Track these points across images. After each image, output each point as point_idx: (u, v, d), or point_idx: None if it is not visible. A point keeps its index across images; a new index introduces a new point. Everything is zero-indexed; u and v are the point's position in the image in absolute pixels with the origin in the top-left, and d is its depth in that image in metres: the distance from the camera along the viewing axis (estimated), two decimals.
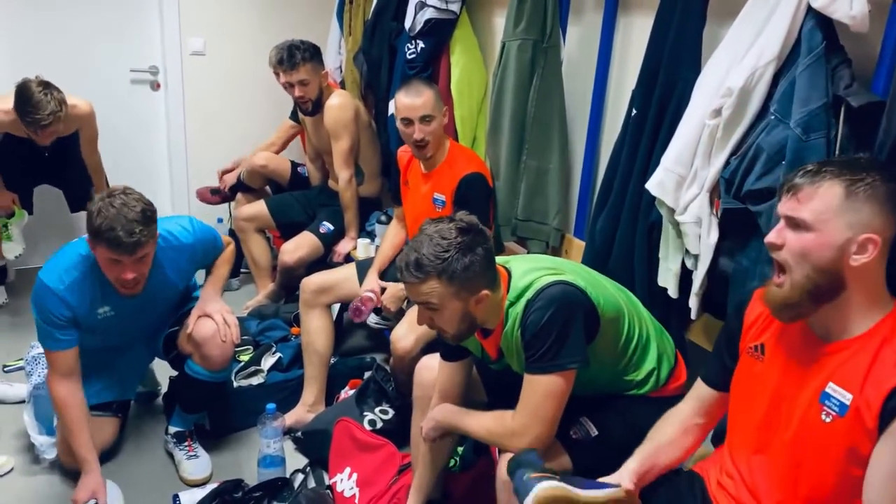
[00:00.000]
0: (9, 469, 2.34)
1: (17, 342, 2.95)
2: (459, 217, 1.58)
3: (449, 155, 2.51)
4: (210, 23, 3.94)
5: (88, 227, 1.96)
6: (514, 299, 1.60)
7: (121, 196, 1.95)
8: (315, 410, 2.61)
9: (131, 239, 1.91)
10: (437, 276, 1.53)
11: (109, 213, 1.90)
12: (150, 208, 1.99)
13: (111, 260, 1.97)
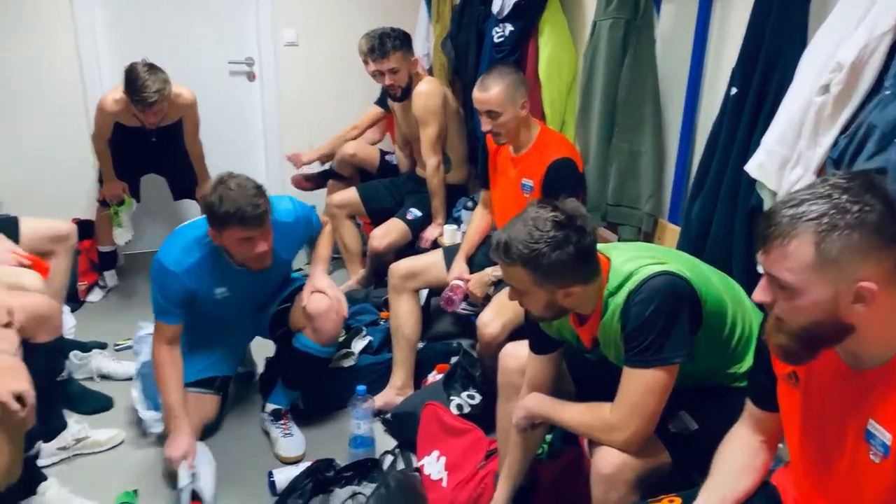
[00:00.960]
0: (119, 442, 2.49)
1: (126, 323, 3.13)
2: (562, 208, 1.52)
3: (538, 139, 2.48)
4: (303, 13, 4.03)
5: (213, 217, 2.08)
6: (615, 289, 1.55)
7: (232, 180, 2.09)
8: (403, 393, 2.65)
9: (257, 211, 2.04)
10: (522, 265, 1.50)
11: (230, 195, 2.04)
12: (259, 184, 2.13)
13: (243, 239, 2.10)
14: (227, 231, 2.10)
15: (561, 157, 2.41)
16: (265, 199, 2.10)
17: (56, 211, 3.18)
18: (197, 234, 2.22)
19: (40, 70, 3.66)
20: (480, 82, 2.40)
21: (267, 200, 2.12)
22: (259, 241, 2.13)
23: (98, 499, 2.16)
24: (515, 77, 2.41)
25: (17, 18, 3.60)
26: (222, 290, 2.32)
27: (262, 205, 2.08)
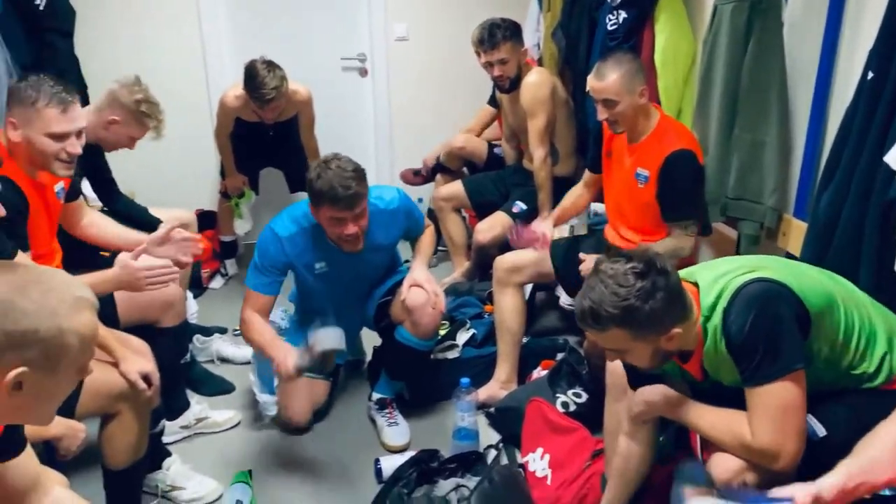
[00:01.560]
0: (236, 423, 2.61)
1: None
2: (637, 258, 1.45)
3: (657, 128, 2.38)
4: (414, 7, 4.07)
5: (310, 193, 2.16)
6: (709, 312, 1.48)
7: (334, 161, 2.14)
8: (507, 387, 2.63)
9: (349, 192, 2.09)
10: (617, 326, 1.44)
11: (327, 175, 2.10)
12: (360, 168, 2.17)
13: (333, 219, 2.16)
14: (320, 208, 2.16)
15: (680, 149, 2.30)
16: (361, 184, 2.13)
17: (181, 202, 3.37)
18: (306, 208, 2.29)
19: (169, 71, 3.88)
20: (596, 70, 2.33)
21: (363, 185, 2.15)
22: (349, 224, 2.17)
23: (215, 477, 2.27)
24: (633, 64, 2.33)
25: (148, 24, 3.85)
26: (321, 264, 2.37)
27: (355, 188, 2.11)
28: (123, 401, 1.89)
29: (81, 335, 1.05)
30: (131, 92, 2.60)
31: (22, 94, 1.93)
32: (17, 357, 1.00)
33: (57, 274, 1.13)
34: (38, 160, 1.98)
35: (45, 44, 2.93)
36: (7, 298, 1.00)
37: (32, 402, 1.06)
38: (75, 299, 1.06)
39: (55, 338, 1.02)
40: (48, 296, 1.03)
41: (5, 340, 0.99)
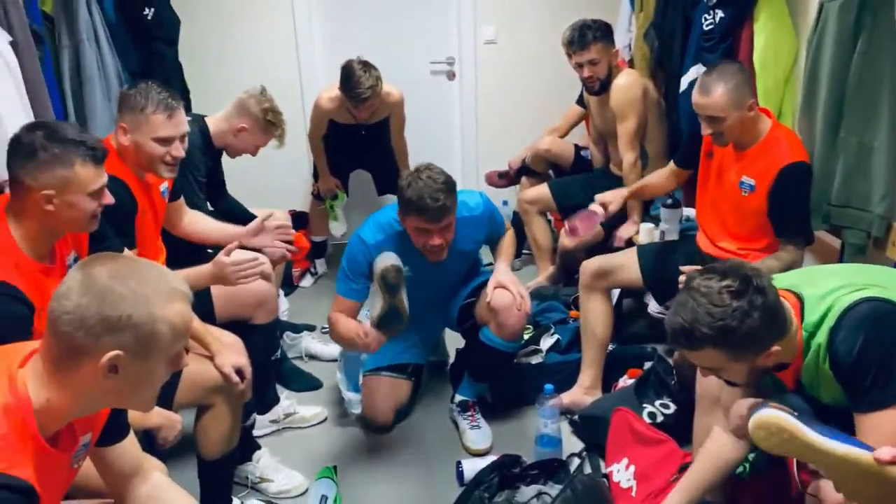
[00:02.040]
0: (322, 419, 2.67)
1: None
2: (732, 274, 1.39)
3: (768, 137, 2.25)
4: (502, 10, 4.06)
5: (399, 201, 2.19)
6: (813, 329, 1.41)
7: (426, 171, 2.17)
8: (591, 394, 2.58)
9: (437, 204, 2.11)
10: (712, 346, 1.39)
11: (417, 185, 2.12)
12: (450, 180, 2.19)
13: (419, 229, 2.19)
14: (408, 217, 2.19)
15: (796, 162, 2.19)
16: (450, 196, 2.15)
17: (275, 203, 3.48)
18: (393, 213, 2.33)
19: (264, 74, 4.00)
20: (700, 85, 2.22)
21: (452, 198, 2.16)
22: (434, 236, 2.19)
23: (301, 471, 2.33)
24: (740, 76, 2.20)
25: (243, 29, 3.98)
26: (406, 269, 2.37)
27: (444, 200, 2.12)
28: (218, 393, 1.97)
29: (173, 324, 1.11)
30: (259, 102, 2.78)
31: (132, 101, 2.05)
32: (112, 341, 1.06)
33: (155, 266, 1.19)
34: (145, 163, 2.10)
35: (152, 52, 3.10)
36: (107, 284, 1.07)
37: (127, 388, 1.12)
38: (169, 290, 1.12)
39: (147, 324, 1.08)
40: (144, 285, 1.09)
41: (102, 324, 1.05)
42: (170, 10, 3.25)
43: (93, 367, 1.07)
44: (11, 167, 1.61)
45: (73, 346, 1.06)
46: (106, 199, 1.70)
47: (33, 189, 1.58)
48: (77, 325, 1.05)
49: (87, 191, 1.63)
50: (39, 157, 1.58)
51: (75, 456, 1.21)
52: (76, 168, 1.60)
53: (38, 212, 1.60)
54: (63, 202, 1.61)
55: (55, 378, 1.09)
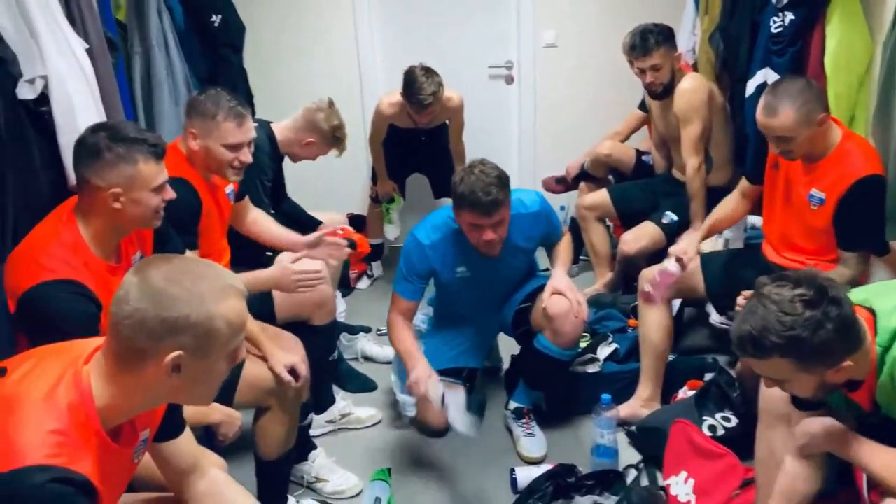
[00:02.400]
0: (377, 421, 2.69)
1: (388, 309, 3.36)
2: (806, 283, 1.34)
3: (839, 148, 2.16)
4: (562, 14, 4.03)
5: (453, 196, 2.19)
6: (887, 343, 1.35)
7: (479, 166, 2.16)
8: (650, 406, 2.53)
9: (489, 198, 2.10)
10: (780, 356, 1.34)
11: (470, 179, 2.12)
12: (504, 175, 2.18)
13: (473, 225, 2.18)
14: (461, 212, 2.19)
15: (870, 175, 2.10)
16: (503, 191, 2.13)
17: (333, 205, 3.54)
18: (448, 213, 2.33)
19: (325, 78, 4.08)
20: (766, 105, 2.13)
21: (505, 192, 2.15)
22: (487, 230, 2.17)
23: (356, 472, 2.36)
24: (809, 93, 2.10)
25: (306, 35, 4.04)
26: (462, 269, 2.40)
27: (496, 194, 2.11)
28: (274, 396, 2.01)
29: (229, 320, 1.13)
30: (328, 119, 2.89)
31: (202, 108, 2.11)
32: (173, 342, 1.09)
33: (207, 264, 1.23)
34: (214, 166, 2.16)
35: (219, 58, 3.18)
36: (162, 287, 1.09)
37: (190, 385, 1.15)
38: (223, 287, 1.15)
39: (204, 323, 1.10)
40: (198, 284, 1.12)
41: (162, 326, 1.08)
42: (236, 16, 3.34)
43: (156, 368, 1.10)
44: (78, 168, 1.67)
45: (136, 349, 1.10)
46: (167, 195, 1.75)
47: (101, 188, 1.64)
48: (137, 329, 1.09)
49: (150, 186, 1.68)
50: (105, 157, 1.64)
51: (136, 451, 1.25)
52: (139, 165, 1.66)
53: (105, 210, 1.66)
54: (129, 199, 1.66)
55: (119, 377, 1.13)
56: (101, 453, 1.11)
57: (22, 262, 1.65)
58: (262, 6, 3.87)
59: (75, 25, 2.20)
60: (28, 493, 0.99)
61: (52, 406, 1.08)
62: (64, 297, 1.57)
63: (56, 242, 1.64)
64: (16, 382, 1.12)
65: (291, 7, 3.98)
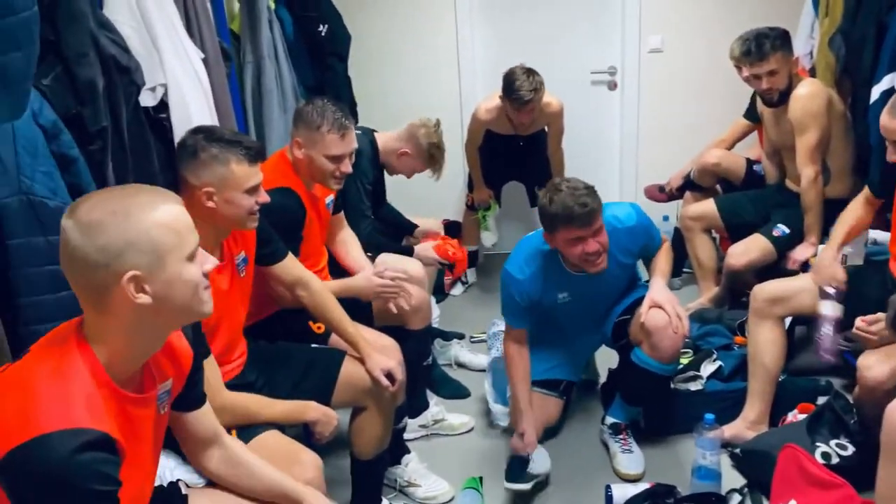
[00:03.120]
0: (469, 428, 2.68)
1: (481, 317, 3.36)
2: None
3: None
4: (670, 18, 3.93)
5: (545, 220, 2.16)
6: None
7: (563, 183, 2.14)
8: (756, 429, 2.40)
9: (585, 209, 2.07)
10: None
11: (559, 196, 2.09)
12: (590, 185, 2.15)
13: (572, 239, 2.14)
14: (558, 233, 2.14)
15: None
16: (595, 199, 2.10)
17: (429, 212, 3.56)
18: (536, 243, 2.31)
19: (425, 84, 4.13)
20: (891, 107, 2.01)
21: (597, 200, 2.12)
22: (589, 241, 2.13)
23: (447, 479, 2.35)
24: None
25: (406, 42, 4.10)
26: (564, 295, 2.36)
27: (591, 204, 2.08)
28: (371, 396, 2.03)
29: (166, 223, 1.13)
30: (428, 135, 2.95)
31: (308, 118, 2.18)
32: (122, 264, 1.09)
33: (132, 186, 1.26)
34: (317, 176, 2.24)
35: (325, 67, 3.28)
36: (89, 219, 1.10)
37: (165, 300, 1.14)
38: (148, 199, 1.15)
39: (141, 235, 1.10)
40: (122, 202, 1.12)
41: (103, 254, 1.09)
42: (342, 26, 3.43)
43: (122, 296, 1.11)
44: (179, 168, 1.77)
45: (96, 287, 1.11)
46: (262, 198, 1.80)
47: (196, 187, 1.72)
48: (85, 266, 1.10)
49: (243, 188, 1.74)
50: (200, 157, 1.72)
51: (159, 401, 1.27)
52: (232, 166, 1.72)
53: (202, 210, 1.73)
54: (222, 199, 1.73)
55: (102, 323, 1.14)
56: (118, 406, 1.13)
57: None
58: (367, 15, 3.95)
59: (193, 36, 2.31)
60: (49, 459, 1.00)
61: (61, 372, 1.10)
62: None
63: None
64: (24, 360, 1.15)
65: (394, 15, 4.06)
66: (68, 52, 1.64)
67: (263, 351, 2.05)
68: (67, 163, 1.59)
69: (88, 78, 1.67)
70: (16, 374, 1.14)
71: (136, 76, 1.91)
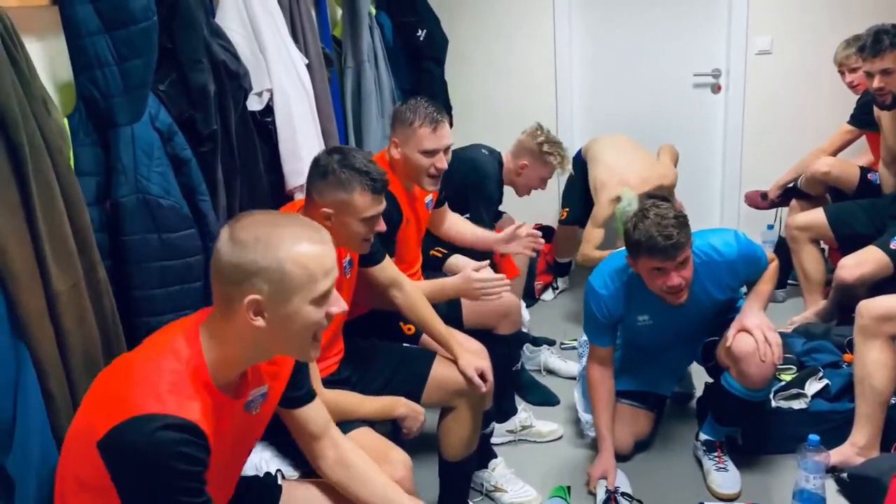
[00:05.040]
0: (558, 437, 2.64)
1: (572, 324, 3.32)
2: None
3: None
4: (780, 19, 3.76)
5: (628, 244, 2.11)
6: None
7: (653, 209, 2.06)
8: (865, 454, 2.25)
9: (669, 242, 1.99)
10: None
11: (645, 224, 2.02)
12: (681, 214, 2.06)
13: (654, 269, 2.07)
14: (639, 259, 2.09)
15: None
16: (682, 232, 2.01)
17: (524, 216, 3.53)
18: (623, 261, 2.23)
19: (520, 89, 4.11)
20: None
21: (685, 233, 2.03)
22: (672, 275, 2.05)
23: (534, 486, 2.33)
24: None
25: (503, 46, 4.08)
26: (644, 317, 2.30)
27: (676, 237, 1.99)
28: (460, 397, 2.04)
29: (302, 264, 1.16)
30: (534, 137, 2.99)
31: (402, 116, 2.21)
32: (250, 286, 1.14)
33: (291, 216, 1.28)
34: (413, 175, 2.26)
35: (423, 71, 3.33)
36: (238, 236, 1.15)
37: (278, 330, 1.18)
38: (295, 233, 1.18)
39: (274, 266, 1.14)
40: (272, 231, 1.17)
41: (236, 271, 1.14)
42: (440, 30, 3.47)
43: (243, 314, 1.16)
44: (309, 182, 1.82)
45: (224, 297, 1.18)
46: (378, 227, 1.84)
47: (318, 204, 1.77)
48: (220, 275, 1.17)
49: (360, 216, 1.77)
50: (329, 179, 1.76)
51: (248, 403, 1.31)
52: (355, 195, 1.75)
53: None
54: (339, 222, 1.77)
55: (220, 328, 1.20)
56: (212, 405, 1.18)
57: None
58: (465, 19, 3.98)
59: (297, 42, 2.40)
60: (140, 440, 1.07)
61: (165, 362, 1.16)
62: None
63: None
64: (138, 349, 1.23)
65: (491, 19, 4.06)
66: (183, 58, 1.74)
67: (358, 348, 2.09)
68: (180, 164, 1.68)
69: (201, 83, 1.76)
70: (125, 362, 1.23)
71: (244, 81, 2.00)
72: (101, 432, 1.09)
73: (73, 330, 1.37)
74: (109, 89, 1.52)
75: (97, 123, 1.54)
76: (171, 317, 1.62)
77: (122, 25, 1.50)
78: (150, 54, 1.57)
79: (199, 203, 1.72)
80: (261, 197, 2.13)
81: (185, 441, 1.09)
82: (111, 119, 1.54)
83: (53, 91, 1.54)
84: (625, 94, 4.01)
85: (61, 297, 1.34)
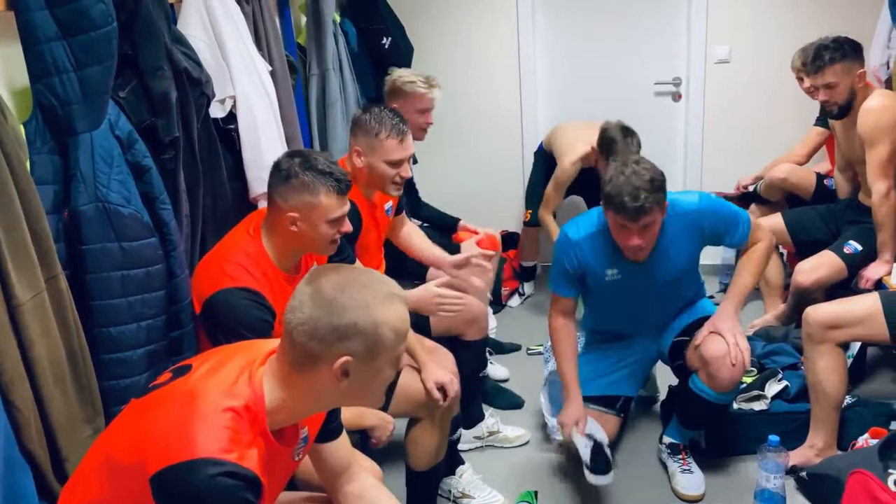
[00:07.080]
0: (525, 441, 2.66)
1: (538, 330, 3.33)
2: None
3: None
4: (737, 28, 3.84)
5: (601, 193, 2.09)
6: None
7: (632, 165, 2.04)
8: (824, 455, 2.30)
9: (635, 203, 1.97)
10: None
11: (619, 180, 2.01)
12: (658, 178, 2.03)
13: (619, 225, 2.08)
14: (608, 212, 2.08)
15: None
16: (653, 195, 1.98)
17: (488, 221, 3.55)
18: (600, 211, 2.21)
19: (487, 96, 4.13)
20: None
21: (657, 197, 2.00)
22: (633, 236, 2.05)
23: (501, 491, 2.34)
24: None
25: (467, 49, 4.10)
26: (613, 271, 2.26)
27: (643, 200, 1.96)
28: (426, 408, 2.04)
29: (394, 327, 1.17)
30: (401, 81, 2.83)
31: (366, 126, 2.20)
32: (343, 347, 1.15)
33: (372, 273, 1.28)
34: (377, 183, 2.25)
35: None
36: (333, 296, 1.15)
37: (358, 389, 1.20)
38: (387, 294, 1.19)
39: (371, 329, 1.15)
40: (364, 292, 1.17)
41: (333, 333, 1.14)
42: (405, 38, 3.47)
43: (327, 372, 1.16)
44: (270, 187, 1.80)
45: (309, 354, 1.16)
46: (344, 228, 1.83)
47: (283, 209, 1.75)
48: (311, 335, 1.15)
49: (327, 218, 1.76)
50: (292, 182, 1.74)
51: (296, 449, 1.31)
52: (321, 196, 1.74)
53: (284, 230, 1.77)
54: (305, 225, 1.76)
55: (291, 380, 1.19)
56: (266, 451, 1.18)
57: (209, 268, 1.80)
58: (428, 27, 3.98)
59: (261, 49, 2.39)
60: (200, 485, 1.06)
61: (228, 403, 1.15)
62: (242, 304, 1.69)
63: (241, 252, 1.78)
64: (198, 379, 1.21)
65: (456, 28, 4.07)
66: (144, 65, 1.72)
67: None
68: (141, 171, 1.65)
69: (163, 90, 1.74)
70: (186, 391, 1.19)
71: (206, 88, 1.97)
72: (157, 467, 1.08)
73: (37, 340, 1.35)
74: (68, 96, 1.49)
75: (55, 131, 1.51)
76: (133, 327, 1.60)
77: (81, 31, 1.48)
78: (109, 61, 1.55)
79: (161, 211, 1.69)
80: (223, 205, 2.11)
81: (243, 489, 1.09)
82: (70, 126, 1.51)
83: (8, 98, 1.50)
84: (588, 102, 4.05)
85: (24, 308, 1.31)
